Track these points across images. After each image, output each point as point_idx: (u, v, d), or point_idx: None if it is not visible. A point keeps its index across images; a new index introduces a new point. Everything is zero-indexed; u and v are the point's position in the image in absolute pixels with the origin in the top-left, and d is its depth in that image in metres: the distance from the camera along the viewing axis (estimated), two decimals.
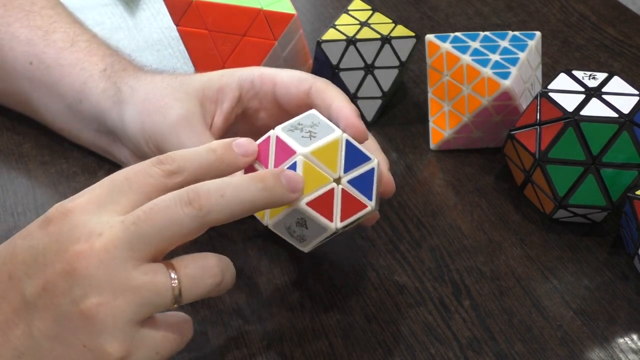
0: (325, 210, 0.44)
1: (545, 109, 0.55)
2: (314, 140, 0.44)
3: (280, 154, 0.44)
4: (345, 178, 0.45)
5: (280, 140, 0.44)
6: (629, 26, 0.79)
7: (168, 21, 0.75)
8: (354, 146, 0.46)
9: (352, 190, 0.45)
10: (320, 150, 0.44)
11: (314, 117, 0.46)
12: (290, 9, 0.61)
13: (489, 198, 0.60)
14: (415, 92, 0.70)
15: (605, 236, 0.57)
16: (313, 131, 0.45)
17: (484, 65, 0.59)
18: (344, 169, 0.45)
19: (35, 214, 0.56)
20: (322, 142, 0.44)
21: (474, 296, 0.52)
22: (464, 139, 0.63)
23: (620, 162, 0.54)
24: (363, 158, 0.46)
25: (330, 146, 0.44)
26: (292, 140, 0.44)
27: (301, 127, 0.45)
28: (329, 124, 0.46)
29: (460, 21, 0.79)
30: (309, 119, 0.46)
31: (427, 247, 0.55)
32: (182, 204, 0.40)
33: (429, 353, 0.48)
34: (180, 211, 0.40)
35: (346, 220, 0.45)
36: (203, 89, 0.53)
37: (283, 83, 0.52)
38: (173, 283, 0.40)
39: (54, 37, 0.60)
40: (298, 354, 0.48)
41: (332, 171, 0.44)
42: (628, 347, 0.49)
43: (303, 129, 0.45)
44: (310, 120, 0.46)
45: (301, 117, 0.46)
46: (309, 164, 0.44)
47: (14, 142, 0.62)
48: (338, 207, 0.45)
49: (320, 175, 0.44)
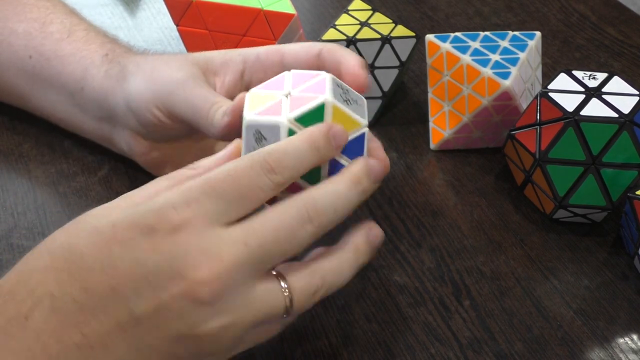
0: None
1: (545, 109, 0.55)
2: (345, 105, 0.43)
3: (313, 88, 0.43)
4: None
5: (322, 81, 0.44)
6: (629, 26, 0.79)
7: (168, 21, 0.75)
8: (363, 141, 0.44)
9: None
10: (340, 114, 0.43)
11: (361, 99, 0.45)
12: (290, 9, 0.61)
13: (489, 198, 0.60)
14: (416, 92, 0.70)
15: (605, 236, 0.57)
16: (351, 102, 0.44)
17: (484, 65, 0.59)
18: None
19: (36, 214, 0.56)
20: (348, 110, 0.43)
21: (474, 296, 0.52)
22: (464, 139, 0.63)
23: (620, 162, 0.54)
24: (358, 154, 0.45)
25: (350, 122, 0.43)
26: (330, 88, 0.43)
27: (346, 92, 0.44)
28: (366, 114, 0.45)
29: (460, 21, 0.79)
30: (356, 95, 0.45)
31: (427, 247, 0.55)
32: (304, 222, 0.40)
33: (429, 353, 0.48)
34: (303, 230, 0.40)
35: None
36: (206, 62, 0.52)
37: (291, 52, 0.51)
38: (286, 297, 0.40)
39: (50, 29, 0.59)
40: (298, 354, 0.48)
41: None
42: (628, 347, 0.49)
43: (346, 94, 0.44)
44: (356, 96, 0.45)
45: (352, 90, 0.45)
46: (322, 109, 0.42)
47: (14, 142, 0.62)
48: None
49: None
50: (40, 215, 0.56)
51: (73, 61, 0.58)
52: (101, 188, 0.58)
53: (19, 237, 0.55)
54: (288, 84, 0.45)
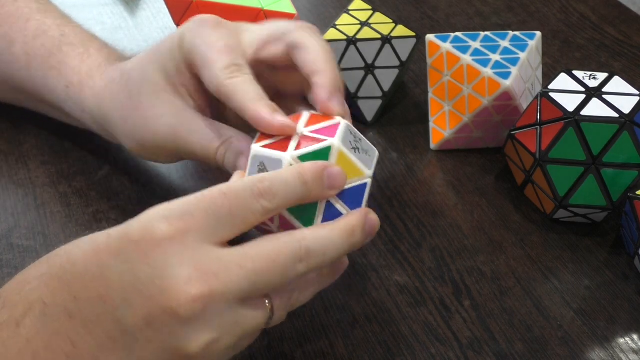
0: None
1: (546, 109, 0.55)
2: (352, 153, 0.44)
3: (324, 131, 0.44)
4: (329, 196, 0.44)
5: (335, 126, 0.44)
6: (629, 26, 0.79)
7: (168, 21, 0.75)
8: (364, 191, 0.44)
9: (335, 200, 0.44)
10: (346, 161, 0.43)
11: (373, 152, 0.46)
12: (290, 8, 0.61)
13: (490, 198, 0.60)
14: (416, 92, 0.70)
15: (605, 236, 0.57)
16: (360, 151, 0.44)
17: (485, 65, 0.59)
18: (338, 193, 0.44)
19: (36, 214, 0.56)
20: (354, 158, 0.44)
21: (475, 296, 0.52)
22: (465, 139, 0.63)
23: (620, 162, 0.54)
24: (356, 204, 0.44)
25: (355, 169, 0.44)
26: (342, 135, 0.43)
27: (357, 140, 0.45)
28: (374, 165, 0.45)
29: (460, 21, 0.79)
30: (368, 145, 0.46)
31: (427, 247, 0.55)
32: (297, 261, 0.40)
33: (429, 353, 0.48)
34: (294, 267, 0.40)
35: None
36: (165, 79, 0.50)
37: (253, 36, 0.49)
38: (269, 313, 0.41)
39: (15, 51, 0.58)
40: (299, 354, 0.48)
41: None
42: (628, 347, 0.49)
43: (358, 143, 0.45)
44: (368, 147, 0.45)
45: (366, 141, 0.46)
46: (327, 152, 0.43)
47: (14, 142, 0.62)
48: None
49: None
50: (40, 215, 0.56)
51: (47, 92, 0.57)
52: (101, 188, 0.58)
53: (19, 237, 0.55)
54: (302, 122, 0.45)
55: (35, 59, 0.57)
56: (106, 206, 0.57)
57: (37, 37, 0.58)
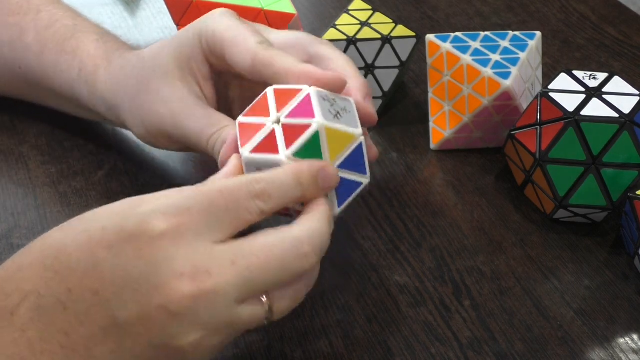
0: None
1: (546, 109, 0.55)
2: (336, 121, 0.43)
3: (301, 109, 0.43)
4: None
5: (308, 99, 0.43)
6: (629, 26, 0.79)
7: (168, 21, 0.75)
8: (362, 152, 0.45)
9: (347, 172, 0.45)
10: (334, 133, 0.43)
11: (349, 104, 0.45)
12: (290, 8, 0.61)
13: (490, 198, 0.60)
14: (416, 92, 0.70)
15: (605, 236, 0.57)
16: (340, 115, 0.44)
17: (485, 65, 0.59)
18: (339, 163, 0.44)
19: (36, 213, 0.56)
20: (341, 126, 0.43)
21: (475, 296, 0.52)
22: (465, 139, 0.63)
23: (620, 162, 0.54)
24: (361, 169, 0.45)
25: (345, 136, 0.44)
26: (319, 107, 0.43)
27: (332, 103, 0.44)
28: (357, 119, 0.45)
29: (460, 21, 0.79)
30: (343, 102, 0.45)
31: (427, 247, 0.55)
32: (300, 257, 0.40)
33: (429, 353, 0.48)
34: (298, 264, 0.40)
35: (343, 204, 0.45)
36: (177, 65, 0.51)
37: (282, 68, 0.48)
38: (267, 314, 0.40)
39: (27, 40, 0.59)
40: (298, 354, 0.48)
41: (329, 157, 0.43)
42: (628, 347, 0.49)
43: (334, 106, 0.44)
44: (344, 104, 0.45)
45: (338, 96, 0.45)
46: (317, 135, 0.43)
47: (14, 142, 0.62)
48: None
49: (318, 152, 0.43)
50: (40, 215, 0.56)
51: (57, 78, 0.58)
52: (101, 188, 0.58)
53: (19, 236, 0.55)
54: (273, 105, 0.44)
55: (48, 45, 0.58)
56: None
57: (50, 26, 0.59)
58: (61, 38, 0.58)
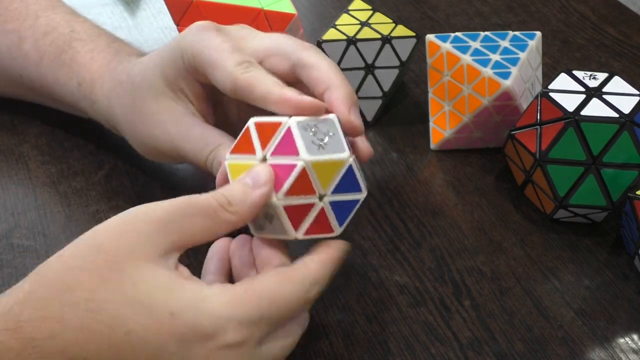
0: (296, 219, 0.44)
1: (546, 109, 0.55)
2: (321, 152, 0.43)
3: (284, 146, 0.43)
4: (328, 198, 0.44)
5: (289, 133, 0.43)
6: (629, 26, 0.79)
7: (168, 21, 0.75)
8: (353, 172, 0.45)
9: (329, 212, 0.45)
10: (321, 165, 0.43)
11: (332, 126, 0.45)
12: (290, 8, 0.61)
13: (490, 198, 0.60)
14: (416, 92, 0.70)
15: (605, 236, 0.57)
16: (324, 142, 0.44)
17: (485, 65, 0.59)
18: (332, 189, 0.44)
19: (36, 213, 0.56)
20: (327, 157, 0.43)
21: (475, 296, 0.52)
22: (465, 139, 0.63)
23: (620, 162, 0.54)
24: (355, 187, 0.45)
25: (332, 164, 0.44)
26: (301, 141, 0.43)
27: (315, 131, 0.44)
28: (342, 139, 0.45)
29: (460, 21, 0.79)
30: (326, 125, 0.45)
31: (427, 247, 0.55)
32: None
33: (429, 353, 0.48)
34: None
35: (308, 236, 0.45)
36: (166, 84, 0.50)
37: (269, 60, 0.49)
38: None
39: (25, 48, 0.59)
40: (298, 354, 0.48)
41: (322, 187, 0.44)
42: (628, 347, 0.49)
43: (316, 134, 0.44)
44: (326, 128, 0.44)
45: (319, 120, 0.45)
46: (305, 172, 0.43)
47: (14, 142, 0.62)
48: (308, 222, 0.44)
49: (309, 186, 0.43)
50: (40, 215, 0.56)
51: (58, 89, 0.58)
52: (101, 188, 0.58)
53: (19, 236, 0.55)
54: (256, 142, 0.44)
55: (46, 56, 0.58)
56: (106, 206, 0.57)
57: (47, 34, 0.58)
58: (58, 49, 0.57)
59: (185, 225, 0.40)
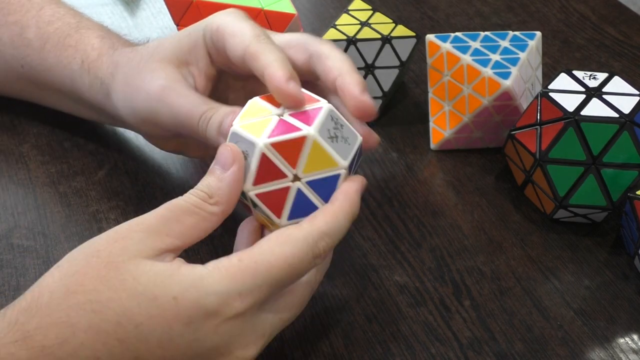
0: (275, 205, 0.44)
1: (546, 109, 0.55)
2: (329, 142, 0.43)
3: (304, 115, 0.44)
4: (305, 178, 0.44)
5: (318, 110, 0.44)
6: (629, 26, 0.79)
7: (168, 21, 0.75)
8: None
9: (310, 192, 0.44)
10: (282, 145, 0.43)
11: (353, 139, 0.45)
12: (290, 8, 0.61)
13: (490, 198, 0.60)
14: (416, 92, 0.70)
15: (605, 236, 0.57)
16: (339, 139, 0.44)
17: (485, 65, 0.59)
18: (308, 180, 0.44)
19: (36, 213, 0.56)
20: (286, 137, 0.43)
21: (475, 296, 0.52)
22: (465, 139, 0.63)
23: (620, 162, 0.54)
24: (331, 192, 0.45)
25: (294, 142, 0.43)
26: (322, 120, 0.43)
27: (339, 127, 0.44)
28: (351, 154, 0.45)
29: (460, 21, 0.79)
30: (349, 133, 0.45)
31: (427, 247, 0.55)
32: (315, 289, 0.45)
33: (429, 353, 0.48)
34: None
35: (295, 219, 0.44)
36: (175, 53, 0.51)
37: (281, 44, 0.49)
38: None
39: (28, 35, 0.59)
40: (298, 354, 0.48)
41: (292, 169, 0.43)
42: (628, 347, 0.49)
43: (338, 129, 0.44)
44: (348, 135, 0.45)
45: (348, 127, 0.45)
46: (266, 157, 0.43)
47: (14, 142, 0.62)
48: (289, 206, 0.44)
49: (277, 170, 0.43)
50: (40, 215, 0.56)
51: (58, 72, 0.58)
52: (101, 188, 0.58)
53: (19, 236, 0.55)
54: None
55: (50, 41, 0.58)
56: (106, 206, 0.57)
57: (52, 22, 0.59)
58: (63, 34, 0.58)
59: (175, 226, 0.41)
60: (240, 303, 0.40)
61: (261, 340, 0.42)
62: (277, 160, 0.43)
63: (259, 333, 0.42)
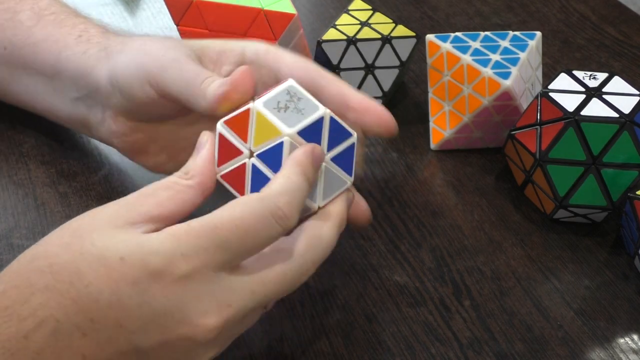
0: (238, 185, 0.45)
1: (546, 109, 0.55)
2: (279, 111, 0.44)
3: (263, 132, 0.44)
4: (256, 152, 0.44)
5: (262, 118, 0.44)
6: (629, 26, 0.79)
7: (168, 21, 0.75)
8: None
9: (262, 166, 0.44)
10: (232, 121, 0.44)
11: (295, 90, 0.45)
12: (290, 8, 0.61)
13: (490, 198, 0.60)
14: (416, 92, 0.70)
15: (605, 236, 0.57)
16: (299, 107, 0.44)
17: (485, 65, 0.59)
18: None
19: (36, 213, 0.56)
20: (236, 112, 0.44)
21: (475, 296, 0.52)
22: (465, 139, 0.63)
23: (620, 162, 0.54)
24: (345, 133, 0.45)
25: (241, 117, 0.44)
26: (277, 120, 0.43)
27: (296, 99, 0.44)
28: (269, 94, 0.45)
29: (460, 21, 0.79)
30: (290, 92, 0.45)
31: (427, 247, 0.55)
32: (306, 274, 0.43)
33: (429, 353, 0.48)
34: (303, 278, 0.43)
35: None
36: (203, 49, 0.51)
37: (288, 67, 0.50)
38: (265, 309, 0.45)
39: (21, 17, 0.58)
40: (298, 354, 0.48)
41: (246, 144, 0.44)
42: (628, 347, 0.49)
43: (292, 102, 0.44)
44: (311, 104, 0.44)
45: (279, 91, 0.45)
46: (222, 136, 0.44)
47: (14, 142, 0.62)
48: (249, 184, 0.44)
49: (234, 148, 0.44)
50: (40, 215, 0.56)
51: (45, 47, 0.57)
52: (101, 188, 0.58)
53: (19, 236, 0.55)
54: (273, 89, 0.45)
55: (44, 20, 0.57)
56: None
57: (49, 7, 0.58)
58: (59, 16, 0.58)
59: (150, 199, 0.42)
60: (185, 264, 0.39)
61: (226, 310, 0.40)
62: (232, 137, 0.44)
63: (220, 301, 0.40)
